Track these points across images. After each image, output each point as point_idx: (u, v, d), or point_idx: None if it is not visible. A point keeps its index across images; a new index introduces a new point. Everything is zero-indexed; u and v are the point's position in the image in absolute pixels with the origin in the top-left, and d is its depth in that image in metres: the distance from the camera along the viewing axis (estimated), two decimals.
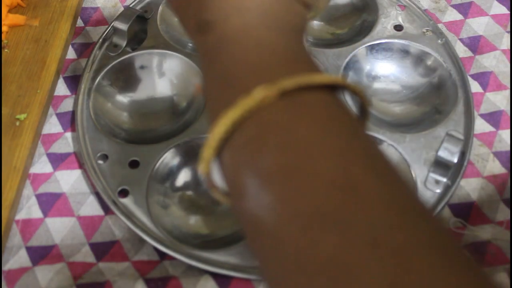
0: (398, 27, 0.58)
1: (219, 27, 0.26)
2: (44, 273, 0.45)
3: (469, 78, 0.55)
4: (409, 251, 0.19)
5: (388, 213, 0.20)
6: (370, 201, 0.21)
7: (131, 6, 0.59)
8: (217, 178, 0.25)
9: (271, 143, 0.22)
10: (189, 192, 0.49)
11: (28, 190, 0.49)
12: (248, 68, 0.24)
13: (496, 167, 0.51)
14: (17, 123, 0.51)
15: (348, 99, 0.38)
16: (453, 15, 0.61)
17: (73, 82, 0.56)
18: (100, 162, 0.49)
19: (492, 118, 0.54)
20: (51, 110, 0.54)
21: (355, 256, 0.19)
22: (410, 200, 0.22)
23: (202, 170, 0.25)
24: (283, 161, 0.22)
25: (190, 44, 0.58)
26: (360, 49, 0.56)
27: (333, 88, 0.24)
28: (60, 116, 0.54)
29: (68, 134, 0.53)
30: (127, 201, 0.47)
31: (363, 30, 0.59)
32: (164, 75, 0.56)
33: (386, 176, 0.22)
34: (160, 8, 0.59)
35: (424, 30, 0.58)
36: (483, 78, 0.56)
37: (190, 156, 0.50)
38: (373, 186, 0.21)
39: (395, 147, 0.50)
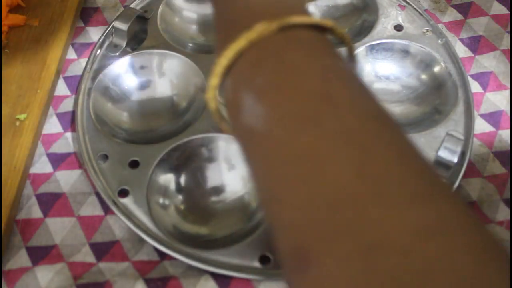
0: (398, 27, 0.58)
1: None
2: (44, 273, 0.45)
3: (469, 78, 0.55)
4: (373, 147, 0.23)
5: (356, 115, 0.24)
6: (342, 107, 0.25)
7: (131, 6, 0.59)
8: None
9: (265, 66, 0.26)
10: (189, 192, 0.49)
11: (28, 190, 0.49)
12: (251, 10, 0.28)
13: (496, 167, 0.51)
14: (17, 123, 0.51)
15: None
16: (453, 15, 0.61)
17: (73, 82, 0.56)
18: (100, 162, 0.49)
19: (492, 118, 0.54)
20: (51, 110, 0.54)
21: (328, 148, 0.23)
22: (376, 108, 0.26)
23: (209, 96, 0.28)
24: (274, 79, 0.26)
25: (190, 44, 0.59)
26: (360, 49, 0.56)
27: (324, 30, 0.29)
28: (60, 116, 0.54)
29: (68, 134, 0.53)
30: (127, 201, 0.47)
31: (363, 30, 0.59)
32: (164, 75, 0.56)
33: (358, 90, 0.26)
34: (160, 8, 0.59)
35: (424, 30, 0.58)
36: (483, 78, 0.56)
37: (190, 156, 0.50)
38: (346, 96, 0.25)
39: None
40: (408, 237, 0.20)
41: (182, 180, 0.50)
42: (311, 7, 0.62)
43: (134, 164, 0.49)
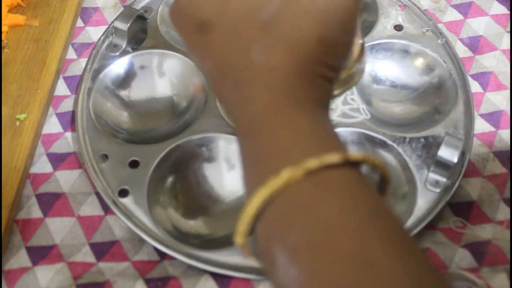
0: (398, 27, 0.58)
1: (249, 104, 0.28)
2: (44, 273, 0.45)
3: (469, 78, 0.55)
4: None
5: (396, 283, 0.23)
6: (385, 277, 0.23)
7: (131, 6, 0.59)
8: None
9: (297, 220, 0.25)
10: (189, 192, 0.49)
11: (28, 190, 0.49)
12: (276, 149, 0.27)
13: (496, 167, 0.51)
14: (17, 123, 0.51)
15: None
16: (453, 15, 0.61)
17: (73, 82, 0.56)
18: (100, 162, 0.49)
19: (492, 118, 0.54)
20: (51, 110, 0.54)
21: None
22: (423, 273, 0.24)
23: (238, 242, 0.27)
24: (307, 237, 0.24)
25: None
26: None
27: (355, 164, 0.27)
28: (60, 116, 0.54)
29: (68, 134, 0.53)
30: (127, 201, 0.47)
31: (363, 30, 0.59)
32: (164, 75, 0.56)
33: (401, 251, 0.24)
34: (160, 8, 0.59)
35: (424, 30, 0.58)
36: (483, 78, 0.56)
37: (190, 156, 0.50)
38: (388, 262, 0.23)
39: (395, 147, 0.50)
40: None
41: (182, 180, 0.50)
42: None
43: (134, 164, 0.49)
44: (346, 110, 0.52)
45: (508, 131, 0.53)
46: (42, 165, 0.51)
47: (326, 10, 0.27)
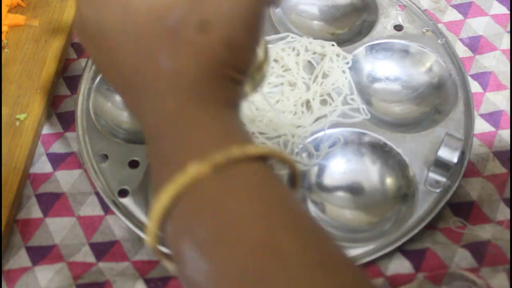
0: (398, 27, 0.58)
1: (156, 109, 0.28)
2: (44, 273, 0.45)
3: (469, 78, 0.55)
4: None
5: (305, 271, 0.24)
6: (290, 261, 0.24)
7: None
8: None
9: (204, 215, 0.25)
10: None
11: (28, 190, 0.49)
12: (183, 147, 0.27)
13: (496, 167, 0.51)
14: (17, 123, 0.51)
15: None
16: (453, 15, 0.61)
17: (73, 82, 0.56)
18: (100, 162, 0.49)
19: (492, 118, 0.54)
20: (51, 110, 0.54)
21: None
22: (327, 258, 0.25)
23: (148, 242, 0.27)
24: (214, 231, 0.25)
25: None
26: (360, 49, 0.56)
27: (264, 158, 0.27)
28: (60, 116, 0.54)
29: (68, 134, 0.53)
30: (127, 201, 0.47)
31: (363, 30, 0.59)
32: None
33: (306, 237, 0.25)
34: None
35: (424, 30, 0.58)
36: (483, 78, 0.56)
37: None
38: (293, 248, 0.24)
39: (395, 147, 0.50)
40: None
41: None
42: (313, 8, 0.62)
43: (134, 164, 0.49)
44: (346, 110, 0.52)
45: (508, 131, 0.53)
46: (42, 165, 0.51)
47: (231, 15, 0.28)
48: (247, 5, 0.28)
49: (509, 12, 0.61)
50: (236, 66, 0.29)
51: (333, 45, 0.55)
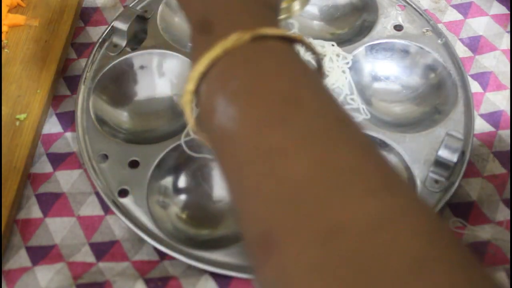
0: (398, 27, 0.58)
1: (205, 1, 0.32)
2: (44, 273, 0.45)
3: (469, 78, 0.55)
4: (335, 145, 0.26)
5: (322, 119, 0.27)
6: (308, 109, 0.27)
7: (131, 6, 0.59)
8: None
9: (238, 72, 0.28)
10: (189, 192, 0.49)
11: (28, 190, 0.49)
12: (227, 22, 0.30)
13: (496, 167, 0.51)
14: (17, 123, 0.51)
15: None
16: (453, 15, 0.61)
17: (73, 82, 0.56)
18: (100, 162, 0.49)
19: (492, 118, 0.54)
20: (51, 110, 0.54)
21: (293, 146, 0.25)
22: (339, 110, 0.28)
23: (185, 100, 0.30)
24: (246, 83, 0.28)
25: (190, 44, 0.58)
26: (360, 49, 0.56)
27: (292, 42, 0.31)
28: (60, 116, 0.54)
29: (68, 134, 0.53)
30: (127, 201, 0.47)
31: (363, 30, 0.59)
32: (164, 75, 0.56)
33: (322, 94, 0.28)
34: (160, 8, 0.59)
35: (424, 30, 0.58)
36: (483, 78, 0.56)
37: (190, 156, 0.50)
38: (312, 99, 0.27)
39: (395, 147, 0.50)
40: (364, 224, 0.22)
41: (182, 180, 0.50)
42: (313, 8, 0.62)
43: (134, 164, 0.49)
44: None
45: (508, 131, 0.53)
46: (42, 165, 0.51)
47: None
48: None
49: (509, 12, 0.61)
50: None
51: (333, 45, 0.55)
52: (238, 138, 0.27)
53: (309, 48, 0.32)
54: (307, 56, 0.54)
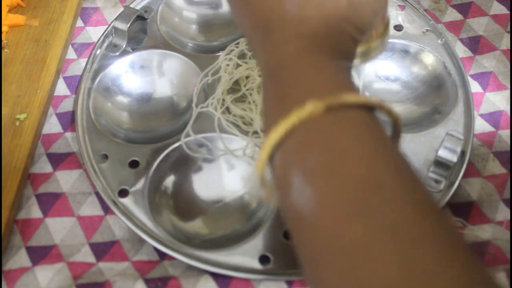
0: (398, 27, 0.58)
1: (278, 50, 0.31)
2: (44, 273, 0.45)
3: (469, 78, 0.55)
4: (420, 241, 0.24)
5: (405, 208, 0.25)
6: (390, 198, 0.25)
7: (131, 6, 0.59)
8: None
9: (315, 147, 0.27)
10: (189, 192, 0.49)
11: (28, 190, 0.49)
12: (301, 87, 0.29)
13: (496, 167, 0.51)
14: (17, 123, 0.51)
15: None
16: (453, 15, 0.61)
17: (73, 82, 0.56)
18: (100, 162, 0.49)
19: (492, 118, 0.54)
20: (51, 110, 0.54)
21: (376, 242, 0.24)
22: (420, 193, 0.26)
23: (258, 169, 0.29)
24: (323, 161, 0.27)
25: (190, 44, 0.58)
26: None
27: (371, 108, 0.29)
28: (60, 116, 0.54)
29: (68, 134, 0.53)
30: (127, 201, 0.47)
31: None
32: (164, 75, 0.56)
33: (404, 176, 0.27)
34: (160, 8, 0.59)
35: (424, 30, 0.58)
36: (483, 78, 0.56)
37: (190, 156, 0.50)
38: (394, 186, 0.26)
39: None
40: None
41: (182, 180, 0.50)
42: None
43: (134, 164, 0.49)
44: None
45: (508, 131, 0.53)
46: (42, 165, 0.51)
47: None
48: None
49: (509, 12, 0.61)
50: (356, 24, 0.32)
51: None
52: (316, 226, 0.26)
53: (388, 114, 0.30)
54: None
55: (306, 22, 0.31)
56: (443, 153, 0.47)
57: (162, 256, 0.46)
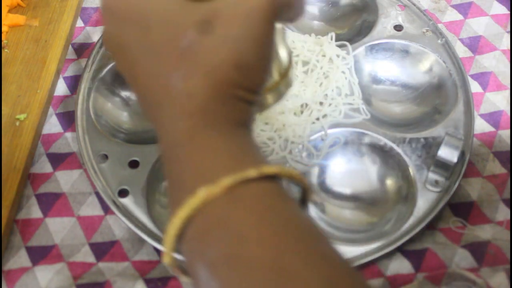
0: (398, 27, 0.58)
1: (169, 130, 0.29)
2: (44, 273, 0.45)
3: (469, 78, 0.55)
4: None
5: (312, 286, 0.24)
6: (298, 281, 0.24)
7: None
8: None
9: (213, 236, 0.26)
10: None
11: (28, 190, 0.49)
12: (193, 171, 0.28)
13: (496, 167, 0.51)
14: (17, 123, 0.51)
15: None
16: (453, 15, 0.61)
17: (73, 82, 0.56)
18: (100, 162, 0.49)
19: (492, 118, 0.54)
20: (51, 110, 0.54)
21: None
22: (336, 276, 0.26)
23: (166, 262, 0.28)
24: (223, 252, 0.26)
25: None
26: (360, 49, 0.56)
27: (273, 177, 0.28)
28: (60, 116, 0.54)
29: (68, 134, 0.53)
30: (127, 201, 0.47)
31: (363, 30, 0.59)
32: None
33: (315, 256, 0.26)
34: None
35: (424, 30, 0.58)
36: (483, 78, 0.56)
37: None
38: (301, 268, 0.25)
39: (395, 147, 0.50)
40: None
41: None
42: (313, 8, 0.62)
43: (134, 164, 0.49)
44: (346, 110, 0.52)
45: (508, 131, 0.53)
46: (42, 165, 0.51)
47: (240, 37, 0.28)
48: (257, 29, 0.29)
49: (509, 12, 0.61)
50: (247, 87, 0.30)
51: (331, 38, 0.55)
52: None
53: (293, 180, 0.29)
54: (305, 56, 0.55)
55: (193, 97, 0.28)
56: (443, 153, 0.47)
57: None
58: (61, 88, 0.56)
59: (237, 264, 0.25)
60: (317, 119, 0.51)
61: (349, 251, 0.45)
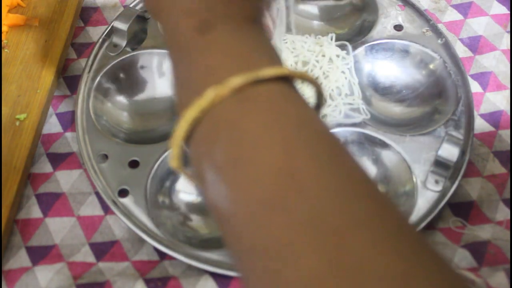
0: (398, 27, 0.58)
1: (175, 28, 0.28)
2: (44, 273, 0.45)
3: (469, 78, 0.55)
4: (344, 232, 0.22)
5: (326, 197, 0.23)
6: (310, 187, 0.23)
7: (131, 6, 0.59)
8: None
9: (222, 138, 0.25)
10: (189, 192, 0.49)
11: (28, 190, 0.49)
12: (201, 71, 0.27)
13: (496, 167, 0.51)
14: (17, 123, 0.51)
15: None
16: (453, 15, 0.61)
17: (73, 82, 0.56)
18: (100, 162, 0.49)
19: (492, 118, 0.54)
20: (51, 110, 0.54)
21: (298, 237, 0.22)
22: (351, 183, 0.24)
23: (173, 165, 0.27)
24: (232, 153, 0.25)
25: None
26: (360, 49, 0.56)
27: (285, 78, 0.26)
28: (60, 116, 0.54)
29: (68, 134, 0.53)
30: (127, 201, 0.47)
31: (363, 30, 0.59)
32: (164, 75, 0.56)
33: (327, 163, 0.24)
34: None
35: (424, 30, 0.58)
36: (483, 78, 0.56)
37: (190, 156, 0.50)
38: (313, 173, 0.23)
39: (395, 147, 0.50)
40: None
41: (182, 180, 0.50)
42: (313, 8, 0.62)
43: (134, 164, 0.49)
44: (346, 110, 0.52)
45: (508, 131, 0.53)
46: (42, 165, 0.51)
47: None
48: None
49: (509, 12, 0.61)
50: None
51: (331, 39, 0.55)
52: (234, 223, 0.24)
53: (304, 79, 0.27)
54: (305, 56, 0.55)
55: None
56: (443, 153, 0.48)
57: (162, 256, 0.46)
58: (61, 88, 0.56)
59: (246, 168, 0.24)
60: None
61: None
